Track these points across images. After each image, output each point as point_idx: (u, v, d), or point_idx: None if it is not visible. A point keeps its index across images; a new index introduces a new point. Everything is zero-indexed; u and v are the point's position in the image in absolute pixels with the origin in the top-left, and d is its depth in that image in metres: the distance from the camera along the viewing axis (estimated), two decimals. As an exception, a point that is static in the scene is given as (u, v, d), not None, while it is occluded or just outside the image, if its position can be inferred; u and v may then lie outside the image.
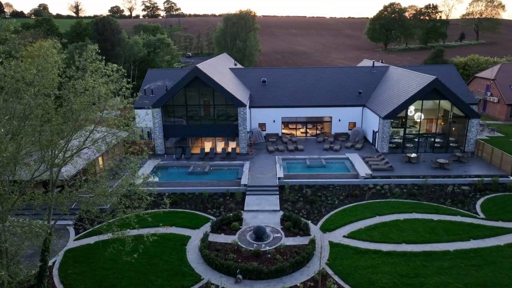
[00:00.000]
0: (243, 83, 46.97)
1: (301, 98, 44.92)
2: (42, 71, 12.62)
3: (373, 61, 52.03)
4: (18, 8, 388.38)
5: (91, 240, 24.27)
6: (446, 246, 22.86)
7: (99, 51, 14.85)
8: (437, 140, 39.08)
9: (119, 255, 17.52)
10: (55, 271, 21.37)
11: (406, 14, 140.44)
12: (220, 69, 45.28)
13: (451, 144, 38.80)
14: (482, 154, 36.87)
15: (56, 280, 20.64)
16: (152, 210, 25.89)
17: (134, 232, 22.29)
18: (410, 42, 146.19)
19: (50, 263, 22.15)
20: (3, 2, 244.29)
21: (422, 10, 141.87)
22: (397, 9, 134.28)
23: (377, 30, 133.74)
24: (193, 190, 30.97)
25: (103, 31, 59.11)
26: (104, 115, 14.02)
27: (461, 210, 27.36)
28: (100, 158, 34.51)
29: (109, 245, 17.74)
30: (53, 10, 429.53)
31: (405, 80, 40.98)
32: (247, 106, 39.79)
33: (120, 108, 54.09)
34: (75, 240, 24.76)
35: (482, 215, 26.72)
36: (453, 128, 39.41)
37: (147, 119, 42.04)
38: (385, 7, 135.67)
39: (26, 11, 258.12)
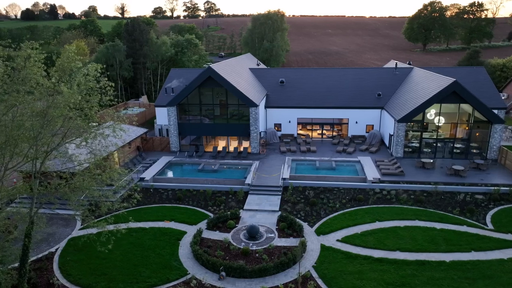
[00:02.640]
0: (262, 83, 47.22)
1: (318, 99, 44.43)
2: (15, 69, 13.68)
3: (396, 62, 50.33)
4: (70, 10, 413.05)
5: (94, 230, 25.54)
6: (443, 256, 21.88)
7: (127, 50, 15.54)
8: (457, 145, 37.21)
9: (94, 245, 18.47)
10: (56, 258, 22.84)
11: (448, 12, 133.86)
12: (237, 69, 45.81)
13: (472, 150, 36.80)
14: (505, 162, 34.69)
15: (55, 265, 22.07)
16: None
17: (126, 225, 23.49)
18: (452, 43, 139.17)
19: (53, 250, 23.78)
20: (56, 5, 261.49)
21: (466, 8, 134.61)
22: (437, 8, 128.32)
23: (415, 30, 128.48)
24: (198, 187, 31.71)
25: (132, 32, 61.68)
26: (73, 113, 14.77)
27: (468, 220, 26.01)
28: (115, 153, 36.17)
29: (84, 236, 18.77)
30: (101, 12, 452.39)
31: (425, 82, 39.40)
32: (259, 106, 39.98)
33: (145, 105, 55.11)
34: (80, 229, 26.22)
35: (490, 226, 25.24)
36: (477, 134, 37.34)
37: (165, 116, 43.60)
38: (425, 6, 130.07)
39: (77, 12, 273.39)
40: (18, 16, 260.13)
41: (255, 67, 52.74)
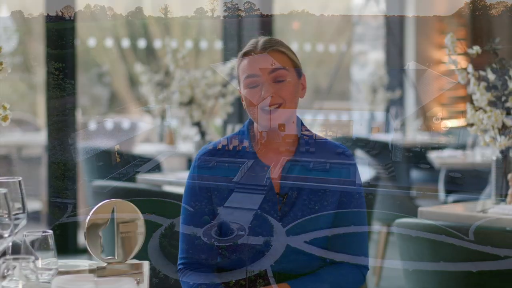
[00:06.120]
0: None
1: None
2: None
3: (408, 64, 48.69)
4: (117, 11, 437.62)
5: (81, 218, 27.49)
6: (399, 265, 21.22)
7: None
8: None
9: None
10: (39, 241, 24.88)
11: (493, 11, 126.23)
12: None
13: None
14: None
15: (36, 248, 24.08)
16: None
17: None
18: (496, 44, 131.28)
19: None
20: (106, 6, 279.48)
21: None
22: (479, 6, 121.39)
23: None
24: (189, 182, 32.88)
25: (154, 32, 64.50)
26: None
27: (448, 229, 24.92)
28: (116, 147, 38.31)
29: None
30: (147, 12, 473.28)
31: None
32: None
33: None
34: (68, 217, 28.22)
35: (471, 237, 24.02)
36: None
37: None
38: (467, 4, 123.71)
39: (125, 13, 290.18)
40: (72, 17, 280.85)
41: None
